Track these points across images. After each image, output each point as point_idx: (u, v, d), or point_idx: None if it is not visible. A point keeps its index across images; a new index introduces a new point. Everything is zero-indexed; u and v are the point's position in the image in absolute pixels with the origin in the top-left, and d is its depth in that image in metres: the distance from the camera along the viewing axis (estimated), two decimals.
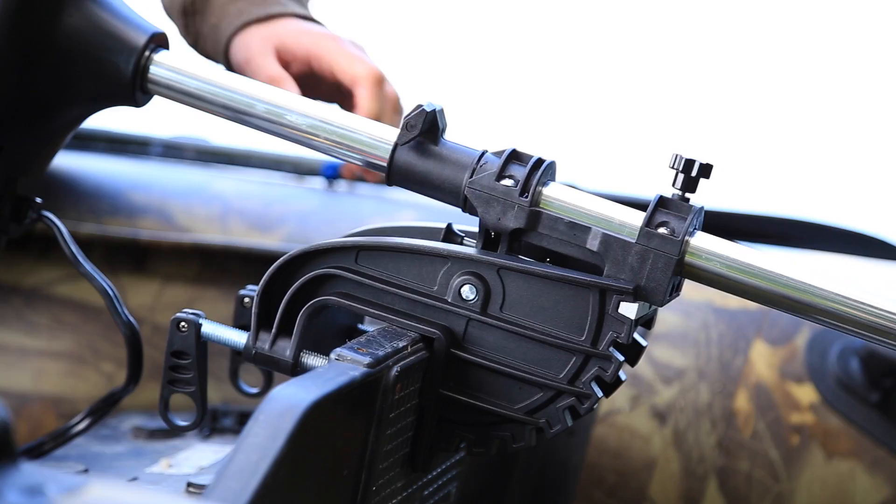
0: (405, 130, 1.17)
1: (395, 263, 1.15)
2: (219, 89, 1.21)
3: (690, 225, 1.12)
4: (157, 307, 1.73)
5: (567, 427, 1.13)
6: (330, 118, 1.20)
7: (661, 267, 1.11)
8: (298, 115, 1.20)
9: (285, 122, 1.21)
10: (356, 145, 1.20)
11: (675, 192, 1.13)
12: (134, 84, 1.22)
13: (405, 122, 1.17)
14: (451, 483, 1.28)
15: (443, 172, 1.17)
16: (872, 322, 1.10)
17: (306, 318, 1.15)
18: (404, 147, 1.18)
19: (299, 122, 1.20)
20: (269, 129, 1.22)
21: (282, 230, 1.76)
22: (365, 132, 1.20)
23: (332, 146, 1.21)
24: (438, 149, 1.18)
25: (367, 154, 1.20)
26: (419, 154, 1.18)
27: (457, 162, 1.17)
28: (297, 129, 1.21)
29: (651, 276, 1.11)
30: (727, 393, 1.63)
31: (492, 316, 1.13)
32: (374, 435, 1.06)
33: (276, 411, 0.94)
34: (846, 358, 1.66)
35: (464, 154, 1.17)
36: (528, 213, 1.14)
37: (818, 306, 1.11)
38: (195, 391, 1.18)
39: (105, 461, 1.39)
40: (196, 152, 1.95)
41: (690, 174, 1.13)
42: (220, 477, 0.89)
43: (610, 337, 1.11)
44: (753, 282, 1.12)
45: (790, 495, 1.61)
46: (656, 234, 1.12)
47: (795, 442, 1.62)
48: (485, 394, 1.14)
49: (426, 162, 1.17)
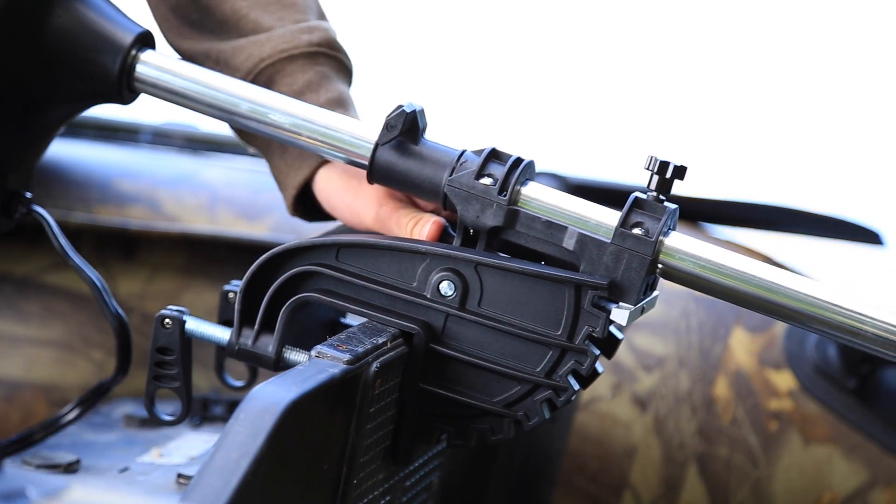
0: (386, 130, 1.19)
1: (375, 260, 1.17)
2: (204, 88, 1.23)
3: (665, 225, 1.14)
4: (146, 296, 1.75)
5: (544, 419, 1.15)
6: (312, 117, 1.22)
7: (635, 267, 1.14)
8: (282, 114, 1.22)
9: (269, 120, 1.23)
10: (338, 144, 1.22)
11: (650, 193, 1.15)
12: (121, 83, 1.24)
13: (386, 122, 1.19)
14: (434, 473, 1.31)
15: (423, 171, 1.19)
16: (842, 322, 1.13)
17: (288, 315, 1.17)
18: (385, 147, 1.20)
19: (283, 121, 1.22)
20: (254, 127, 1.24)
21: (269, 219, 1.78)
22: (346, 131, 1.22)
23: (316, 144, 1.23)
24: (419, 148, 1.20)
25: (349, 153, 1.22)
26: (400, 153, 1.20)
27: (437, 161, 1.19)
28: (280, 127, 1.23)
29: (625, 276, 1.14)
30: (707, 380, 1.66)
31: (470, 311, 1.15)
32: (355, 430, 1.09)
33: (257, 410, 0.96)
34: (824, 345, 1.69)
35: (443, 153, 1.19)
36: (507, 212, 1.16)
37: (789, 307, 1.14)
38: (180, 386, 1.21)
39: (97, 450, 1.41)
40: (185, 139, 1.97)
41: (665, 176, 1.15)
42: (200, 475, 0.92)
43: (586, 331, 1.14)
44: (726, 282, 1.15)
45: (769, 480, 1.64)
46: (631, 234, 1.14)
47: (774, 428, 1.65)
48: (464, 387, 1.16)
49: (406, 161, 1.20)
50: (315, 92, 1.29)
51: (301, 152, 1.30)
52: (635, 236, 1.14)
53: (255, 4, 1.32)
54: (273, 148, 1.32)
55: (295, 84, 1.29)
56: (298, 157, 1.30)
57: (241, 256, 1.75)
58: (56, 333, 1.74)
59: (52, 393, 1.72)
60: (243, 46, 1.30)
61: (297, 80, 1.29)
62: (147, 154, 1.93)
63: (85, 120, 2.00)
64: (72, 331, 1.74)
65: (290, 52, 1.30)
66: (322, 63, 1.31)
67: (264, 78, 1.29)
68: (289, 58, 1.30)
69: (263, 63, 1.29)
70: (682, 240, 1.14)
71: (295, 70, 1.29)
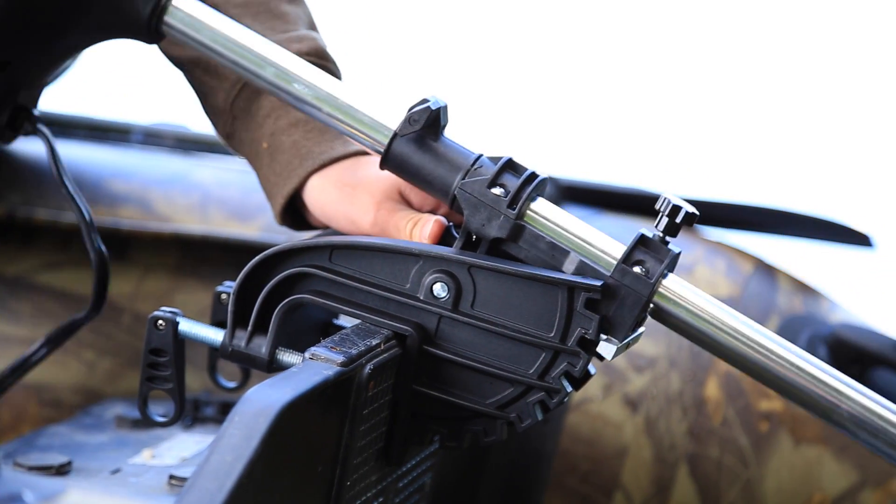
0: (407, 123, 1.18)
1: (369, 262, 1.17)
2: (233, 45, 1.21)
3: (665, 268, 1.15)
4: (137, 296, 1.75)
5: (537, 421, 1.16)
6: (337, 93, 1.21)
7: (629, 304, 1.15)
8: (306, 85, 1.21)
9: (292, 89, 1.21)
10: (357, 125, 1.21)
11: (657, 233, 1.15)
12: (150, 21, 1.23)
13: (409, 115, 1.18)
14: (426, 474, 1.31)
15: (436, 169, 1.19)
16: (818, 399, 1.13)
17: (281, 316, 1.17)
18: (403, 138, 1.19)
19: (305, 92, 1.21)
20: (276, 92, 1.22)
21: (261, 220, 1.78)
22: (368, 114, 1.20)
23: (334, 121, 1.21)
24: (436, 145, 1.19)
25: (366, 136, 1.21)
26: (417, 147, 1.19)
27: (452, 161, 1.19)
28: (302, 98, 1.21)
29: (618, 311, 1.14)
30: (698, 381, 1.66)
31: (463, 313, 1.16)
32: (348, 431, 1.09)
33: (251, 412, 0.97)
34: (814, 346, 1.69)
35: (460, 154, 1.19)
36: (513, 226, 1.16)
37: (776, 375, 1.15)
38: (173, 388, 1.21)
39: (88, 451, 1.41)
40: (176, 140, 1.97)
41: (675, 219, 1.15)
42: (195, 478, 0.92)
43: (578, 333, 1.14)
44: (716, 336, 1.16)
45: (759, 481, 1.64)
46: (631, 271, 1.15)
47: (764, 428, 1.66)
48: (457, 389, 1.17)
49: (422, 156, 1.19)
50: None
51: (290, 161, 1.30)
52: (635, 274, 1.15)
53: (245, 14, 1.32)
54: (261, 156, 1.32)
55: None
56: (287, 167, 1.30)
57: (232, 257, 1.76)
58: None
59: (43, 393, 1.72)
60: None
61: None
62: (138, 154, 1.93)
63: (76, 120, 2.00)
64: None
65: None
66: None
67: (253, 86, 1.29)
68: None
69: None
70: (679, 285, 1.15)
71: None
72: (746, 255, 1.80)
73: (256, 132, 1.32)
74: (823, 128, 3.70)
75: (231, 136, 1.34)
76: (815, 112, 3.74)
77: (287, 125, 1.30)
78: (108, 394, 1.72)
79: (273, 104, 1.30)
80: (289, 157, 1.29)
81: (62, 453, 1.36)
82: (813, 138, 3.69)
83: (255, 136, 1.32)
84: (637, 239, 1.16)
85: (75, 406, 1.70)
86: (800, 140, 3.69)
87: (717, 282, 1.72)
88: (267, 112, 1.31)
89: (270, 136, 1.31)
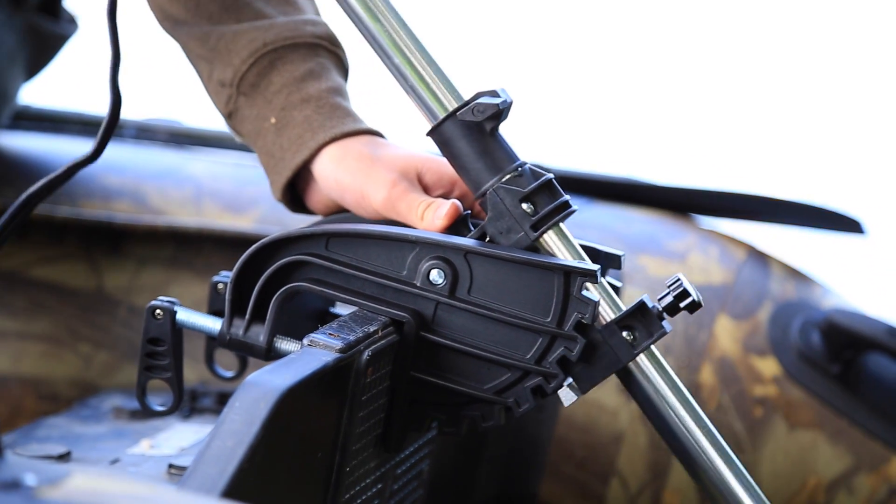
0: (470, 112, 1.17)
1: (365, 249, 1.18)
2: None
3: (652, 342, 1.16)
4: (133, 289, 1.76)
5: (534, 406, 1.16)
6: (416, 48, 1.19)
7: (604, 364, 1.16)
8: (383, 26, 1.19)
9: (367, 23, 1.20)
10: (419, 88, 1.19)
11: (656, 306, 1.16)
12: None
13: (476, 104, 1.17)
14: (424, 461, 1.32)
15: (478, 162, 1.18)
16: None
17: (279, 304, 1.18)
18: (458, 121, 1.19)
19: (378, 32, 1.19)
20: (353, 20, 1.20)
21: (255, 212, 1.79)
22: (435, 84, 1.19)
23: (397, 74, 1.20)
24: (487, 138, 1.18)
25: (422, 101, 1.19)
26: (468, 132, 1.18)
27: (496, 160, 1.18)
28: (373, 36, 1.19)
29: (592, 367, 1.16)
30: (692, 367, 1.67)
31: (460, 299, 1.16)
32: (347, 418, 1.10)
33: (252, 398, 0.97)
34: (807, 331, 1.70)
35: (505, 155, 1.18)
36: (528, 245, 1.17)
37: (716, 486, 1.16)
38: (172, 377, 1.21)
39: (87, 442, 1.42)
40: (168, 134, 1.97)
41: (679, 303, 1.16)
42: (197, 463, 0.93)
43: (575, 318, 1.14)
44: (672, 425, 1.17)
45: (754, 466, 1.65)
46: (619, 334, 1.16)
47: (759, 414, 1.66)
48: (454, 375, 1.17)
49: (470, 143, 1.18)
50: (317, 80, 1.29)
51: (301, 135, 1.28)
52: (622, 338, 1.16)
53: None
54: (265, 133, 1.30)
55: (297, 71, 1.28)
56: (297, 140, 1.28)
57: (227, 249, 1.76)
58: (43, 327, 1.74)
59: (40, 386, 1.72)
60: (246, 30, 1.29)
61: (299, 68, 1.28)
62: (131, 149, 1.93)
63: (67, 115, 2.00)
64: (59, 324, 1.74)
65: (294, 41, 1.29)
66: (323, 55, 1.31)
67: (265, 62, 1.29)
68: (292, 45, 1.29)
69: (267, 48, 1.28)
70: (657, 364, 1.17)
71: (297, 58, 1.29)
72: (739, 242, 1.81)
73: (264, 108, 1.30)
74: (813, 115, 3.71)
75: (233, 114, 1.32)
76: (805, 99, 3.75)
77: (299, 100, 1.29)
78: (105, 387, 1.73)
79: (284, 81, 1.29)
80: (299, 132, 1.28)
81: (61, 444, 1.36)
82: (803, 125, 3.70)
83: (262, 112, 1.30)
84: (636, 305, 1.16)
85: (72, 399, 1.71)
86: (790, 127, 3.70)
87: (710, 269, 1.73)
88: (278, 88, 1.30)
89: (281, 110, 1.29)
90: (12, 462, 0.73)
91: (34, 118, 1.99)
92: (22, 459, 0.73)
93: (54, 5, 1.53)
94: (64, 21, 1.80)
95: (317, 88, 1.28)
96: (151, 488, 0.76)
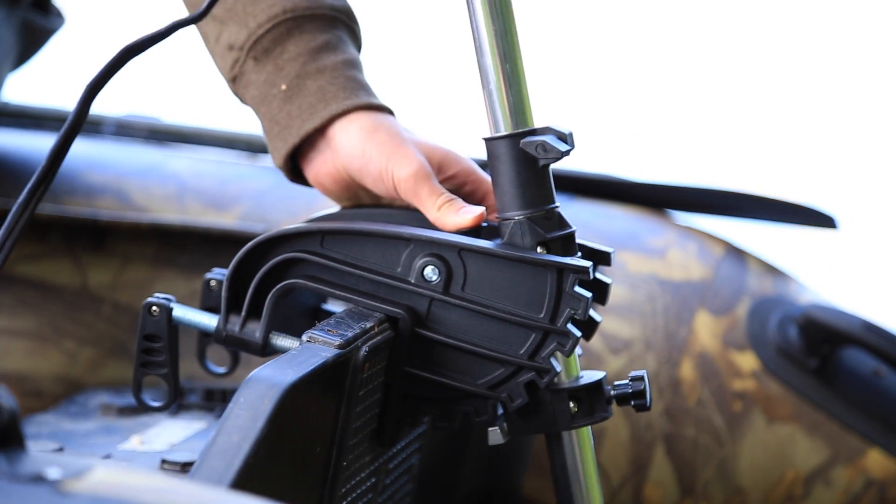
0: (534, 147, 1.16)
1: (360, 246, 1.19)
2: None
3: (590, 422, 1.21)
4: (117, 286, 1.76)
5: (528, 401, 1.18)
6: (512, 57, 1.18)
7: (540, 421, 1.21)
8: (492, 24, 1.17)
9: (479, 15, 1.18)
10: (497, 95, 1.18)
11: (609, 389, 1.21)
12: None
13: (542, 143, 1.16)
14: (415, 455, 1.34)
15: (515, 188, 1.18)
16: None
17: (275, 301, 1.19)
18: (511, 142, 1.18)
19: (486, 27, 1.18)
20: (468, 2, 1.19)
21: (238, 209, 1.80)
22: (515, 99, 1.18)
23: (484, 72, 1.18)
24: (535, 172, 1.18)
25: (494, 109, 1.18)
26: (519, 158, 1.17)
27: (532, 195, 1.18)
28: (478, 29, 1.18)
29: (528, 421, 1.20)
30: (673, 362, 1.69)
31: (454, 296, 1.18)
32: (345, 413, 1.11)
33: (256, 394, 0.99)
34: (785, 326, 1.73)
35: (543, 193, 1.18)
36: None
37: None
38: (167, 373, 1.23)
39: (77, 439, 1.43)
40: (149, 131, 1.98)
41: (631, 399, 1.21)
42: (204, 457, 0.94)
43: (568, 314, 1.16)
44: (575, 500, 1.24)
45: (734, 459, 1.68)
46: (565, 402, 1.20)
47: (738, 408, 1.69)
48: (448, 370, 1.19)
49: (515, 169, 1.18)
50: (333, 52, 1.29)
51: (315, 103, 1.28)
52: (566, 407, 1.20)
53: None
54: (271, 99, 1.29)
55: (313, 41, 1.28)
56: (311, 107, 1.28)
57: (211, 246, 1.77)
58: (28, 324, 1.75)
59: (25, 383, 1.73)
60: None
61: (317, 38, 1.28)
62: (112, 146, 1.93)
63: (47, 112, 2.00)
64: (43, 321, 1.75)
65: (314, 11, 1.29)
66: (340, 28, 1.31)
67: (283, 29, 1.28)
68: (311, 16, 1.29)
69: (287, 14, 1.28)
70: (584, 442, 1.22)
71: (314, 29, 1.29)
72: (717, 238, 1.83)
73: (273, 75, 1.29)
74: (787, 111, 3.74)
75: (238, 78, 1.31)
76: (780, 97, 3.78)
77: (314, 70, 1.28)
78: (90, 383, 1.74)
79: (300, 50, 1.29)
80: (312, 101, 1.27)
81: (52, 441, 1.37)
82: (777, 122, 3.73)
83: (271, 78, 1.29)
84: (592, 383, 1.20)
85: (57, 395, 1.71)
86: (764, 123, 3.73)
87: (689, 265, 1.75)
88: (293, 56, 1.29)
89: (294, 78, 1.29)
90: (35, 456, 0.75)
91: (13, 115, 1.99)
92: (44, 454, 0.75)
93: (45, 0, 1.54)
94: (52, 15, 1.81)
95: (332, 60, 1.28)
96: (172, 482, 0.78)
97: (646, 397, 1.21)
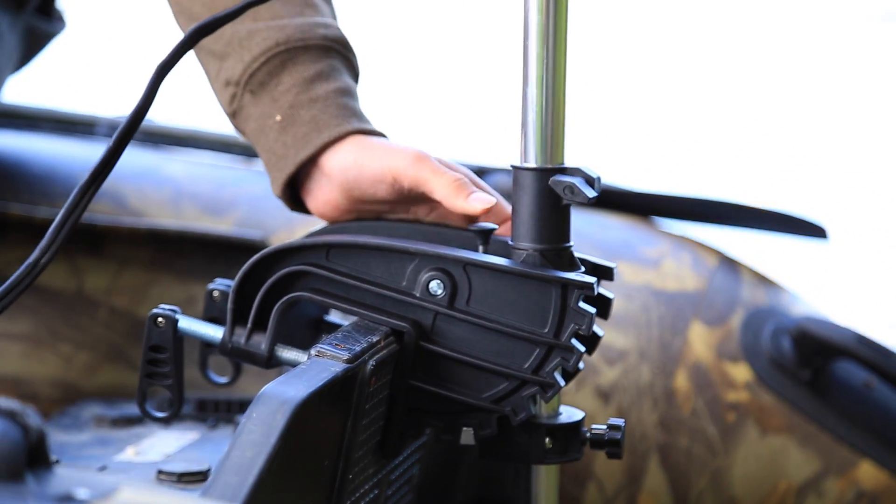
0: (562, 187, 1.17)
1: (365, 260, 1.20)
2: None
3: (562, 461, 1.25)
4: (113, 290, 1.77)
5: (532, 414, 1.19)
6: (556, 92, 1.18)
7: (514, 450, 1.22)
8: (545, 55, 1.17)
9: (532, 44, 1.18)
10: (534, 126, 1.18)
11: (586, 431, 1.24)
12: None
13: (570, 185, 1.16)
14: (415, 466, 1.34)
15: (534, 221, 1.18)
16: None
17: (280, 313, 1.20)
18: (540, 176, 1.18)
19: (537, 57, 1.17)
20: (524, 32, 1.18)
21: (234, 214, 1.80)
22: (551, 133, 1.18)
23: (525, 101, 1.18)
24: (556, 209, 1.18)
25: (528, 139, 1.18)
26: (544, 193, 1.18)
27: (549, 230, 1.18)
28: (528, 57, 1.18)
29: (512, 440, 1.22)
30: (667, 373, 1.71)
31: (458, 310, 1.19)
32: (351, 426, 1.12)
33: (269, 409, 0.99)
34: (778, 338, 1.74)
35: (559, 231, 1.18)
36: None
37: None
38: (173, 384, 1.23)
39: (72, 451, 1.43)
40: (143, 133, 1.98)
41: (605, 446, 1.24)
42: (219, 473, 0.95)
43: (572, 329, 1.17)
44: None
45: (727, 469, 1.69)
46: (542, 437, 1.22)
47: (732, 419, 1.70)
48: (452, 384, 1.20)
49: (538, 203, 1.18)
50: (326, 81, 1.30)
51: (308, 132, 1.29)
52: (541, 442, 1.22)
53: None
54: (268, 131, 1.31)
55: (307, 72, 1.30)
56: (304, 136, 1.29)
57: (207, 251, 1.77)
58: (23, 327, 1.75)
59: (21, 386, 1.73)
60: (260, 29, 1.30)
61: (310, 69, 1.30)
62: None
63: (41, 112, 2.00)
64: (39, 324, 1.75)
65: (306, 42, 1.31)
66: (334, 58, 1.32)
67: (277, 61, 1.30)
68: (304, 47, 1.31)
69: (280, 47, 1.30)
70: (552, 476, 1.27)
71: (308, 59, 1.30)
72: (710, 249, 1.84)
73: (269, 107, 1.31)
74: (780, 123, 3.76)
75: (237, 112, 1.33)
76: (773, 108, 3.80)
77: (307, 100, 1.30)
78: (86, 387, 1.74)
79: (294, 80, 1.30)
80: (305, 130, 1.29)
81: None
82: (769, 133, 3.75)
83: (267, 110, 1.31)
84: (571, 423, 1.22)
85: (53, 400, 1.72)
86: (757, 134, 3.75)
87: (683, 275, 1.76)
88: (287, 87, 1.31)
89: (288, 109, 1.30)
90: (64, 476, 0.75)
91: (7, 115, 1.99)
92: (72, 472, 0.75)
93: (49, 5, 1.55)
94: (55, 19, 1.82)
95: (325, 89, 1.29)
96: (196, 501, 0.78)
97: (620, 446, 1.23)
